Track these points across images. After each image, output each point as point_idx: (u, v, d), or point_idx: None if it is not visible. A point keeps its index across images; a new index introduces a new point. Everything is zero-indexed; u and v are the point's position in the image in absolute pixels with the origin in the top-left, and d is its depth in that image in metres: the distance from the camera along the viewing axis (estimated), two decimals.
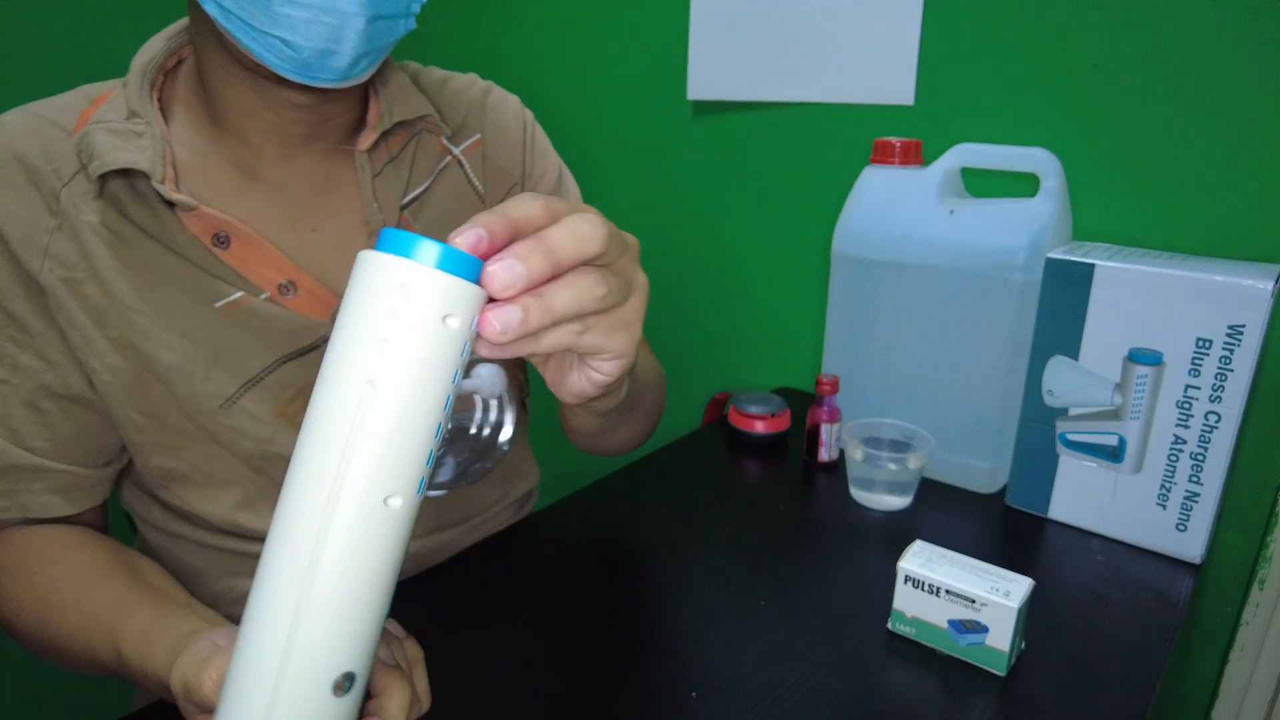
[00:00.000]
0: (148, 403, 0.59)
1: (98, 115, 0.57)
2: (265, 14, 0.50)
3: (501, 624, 0.63)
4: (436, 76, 0.72)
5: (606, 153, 1.28)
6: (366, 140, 0.63)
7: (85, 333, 0.57)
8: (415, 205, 0.66)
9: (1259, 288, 0.62)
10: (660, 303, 1.27)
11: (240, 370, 0.60)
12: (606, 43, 1.24)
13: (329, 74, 0.54)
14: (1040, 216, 0.75)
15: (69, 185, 0.56)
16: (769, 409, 0.93)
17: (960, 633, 0.57)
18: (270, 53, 0.52)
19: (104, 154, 0.54)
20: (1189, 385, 0.67)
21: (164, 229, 0.57)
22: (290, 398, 0.61)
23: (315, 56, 0.52)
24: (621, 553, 0.73)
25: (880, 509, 0.79)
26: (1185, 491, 0.69)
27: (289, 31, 0.50)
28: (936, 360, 0.81)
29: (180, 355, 0.58)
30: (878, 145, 0.85)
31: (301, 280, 0.61)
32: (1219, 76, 0.77)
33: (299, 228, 0.62)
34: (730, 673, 0.57)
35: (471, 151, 0.70)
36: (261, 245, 0.59)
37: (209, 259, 0.58)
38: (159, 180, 0.55)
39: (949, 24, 0.92)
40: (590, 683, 0.56)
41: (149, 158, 0.55)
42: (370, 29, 0.52)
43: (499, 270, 0.32)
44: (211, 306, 0.58)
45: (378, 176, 0.64)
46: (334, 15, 0.50)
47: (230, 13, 0.51)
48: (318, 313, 0.61)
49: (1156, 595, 0.66)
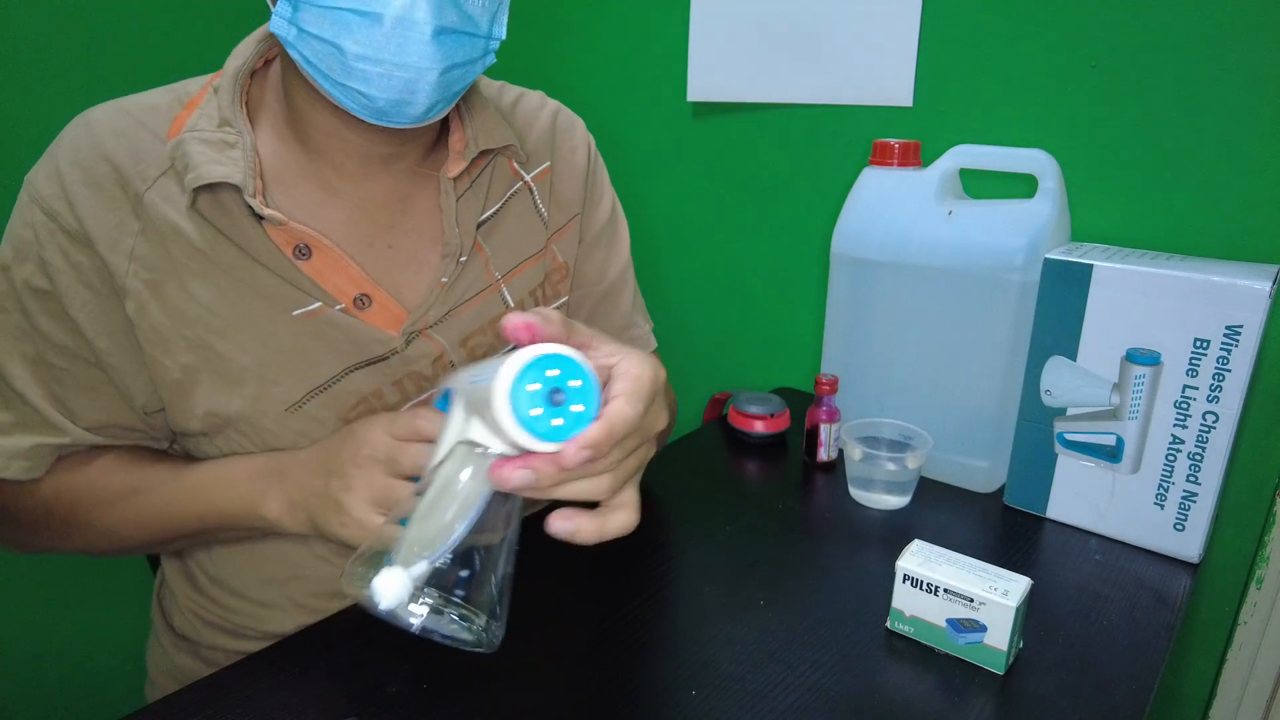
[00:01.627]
0: (212, 401, 0.60)
1: (191, 122, 0.58)
2: (342, 68, 0.52)
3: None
4: (510, 97, 0.74)
5: (607, 153, 1.27)
6: (455, 168, 0.64)
7: (162, 332, 0.59)
8: (487, 226, 0.68)
9: (1256, 288, 0.62)
10: (660, 303, 1.27)
11: (310, 376, 0.61)
12: (607, 44, 1.24)
13: (404, 120, 0.56)
14: (1038, 217, 0.75)
15: (153, 187, 0.58)
16: (768, 409, 0.94)
17: (959, 631, 0.58)
18: (348, 99, 0.54)
19: (199, 166, 0.56)
20: (1187, 385, 0.67)
21: (249, 238, 0.59)
22: (354, 404, 0.63)
23: (390, 106, 0.54)
24: (621, 552, 0.73)
25: (879, 508, 0.79)
26: (1183, 491, 0.69)
27: (364, 84, 0.53)
28: (935, 360, 0.82)
29: (254, 358, 0.60)
30: (876, 146, 0.85)
31: (376, 294, 0.62)
32: (1216, 77, 0.77)
33: (376, 243, 0.64)
34: (730, 671, 0.57)
35: (540, 179, 0.72)
36: (341, 259, 0.61)
37: (290, 269, 0.60)
38: (250, 195, 0.56)
39: (947, 26, 0.92)
40: (590, 681, 0.57)
41: (241, 171, 0.57)
42: (444, 79, 0.54)
43: (521, 475, 0.39)
44: (289, 314, 0.60)
45: (460, 200, 0.65)
46: (407, 70, 0.52)
47: (311, 63, 0.53)
48: (390, 326, 0.63)
49: (1154, 594, 0.66)
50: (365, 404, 0.63)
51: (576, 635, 0.61)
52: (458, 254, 0.65)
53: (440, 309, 0.64)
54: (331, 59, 0.52)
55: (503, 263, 0.69)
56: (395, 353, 0.63)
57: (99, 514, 0.62)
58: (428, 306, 0.63)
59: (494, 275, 0.68)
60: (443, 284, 0.64)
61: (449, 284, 0.65)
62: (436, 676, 0.56)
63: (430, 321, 0.64)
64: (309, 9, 0.51)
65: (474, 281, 0.67)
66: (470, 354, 0.67)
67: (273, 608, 0.67)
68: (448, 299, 0.65)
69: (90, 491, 0.62)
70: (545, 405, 0.39)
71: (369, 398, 0.63)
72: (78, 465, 0.63)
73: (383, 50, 0.51)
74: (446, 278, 0.64)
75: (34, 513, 0.63)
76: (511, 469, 0.39)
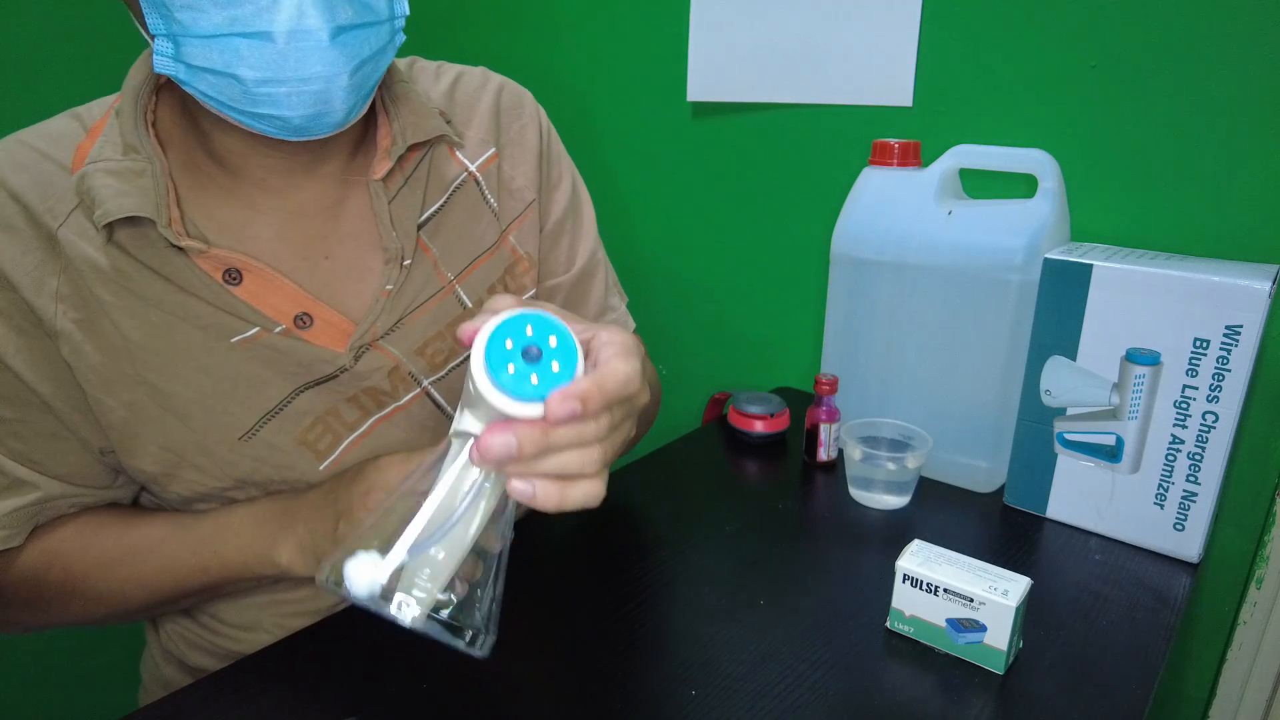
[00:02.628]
0: (164, 438, 0.58)
1: (94, 153, 0.54)
2: (245, 97, 0.48)
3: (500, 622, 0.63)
4: (446, 80, 0.69)
5: (607, 153, 1.28)
6: (381, 169, 0.60)
7: (101, 372, 0.56)
8: (431, 225, 0.64)
9: (1256, 288, 0.62)
10: (660, 303, 1.28)
11: (259, 403, 0.58)
12: (607, 44, 1.24)
13: (325, 129, 0.53)
14: (1038, 217, 0.75)
15: (66, 224, 0.54)
16: (768, 409, 0.94)
17: (958, 631, 0.58)
18: (261, 124, 0.51)
19: (106, 201, 0.52)
20: (1186, 385, 0.67)
21: (174, 268, 0.55)
22: (310, 424, 0.60)
23: (307, 121, 0.51)
24: (621, 552, 0.73)
25: (879, 508, 0.79)
26: (1183, 491, 0.69)
27: (273, 108, 0.49)
28: (935, 360, 0.82)
29: (198, 391, 0.57)
30: (876, 146, 0.85)
31: (317, 310, 0.59)
32: (1216, 77, 0.77)
33: (312, 256, 0.60)
34: (730, 671, 0.57)
35: (486, 167, 0.68)
36: (274, 279, 0.58)
37: (222, 295, 0.56)
38: (164, 225, 0.53)
39: (947, 25, 0.92)
40: (590, 681, 0.57)
41: (152, 202, 0.53)
42: (355, 80, 0.51)
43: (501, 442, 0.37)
44: (228, 342, 0.57)
45: (393, 201, 0.61)
46: (315, 83, 0.49)
47: (211, 97, 0.49)
48: (336, 342, 0.59)
49: (1154, 594, 0.66)
50: (322, 423, 0.60)
51: (576, 635, 0.61)
52: (400, 258, 0.61)
53: (389, 318, 0.61)
54: (232, 89, 0.48)
55: (454, 262, 0.65)
56: (345, 370, 0.60)
57: (97, 577, 0.59)
58: (374, 317, 0.60)
59: (446, 276, 0.64)
60: (388, 291, 0.60)
61: (395, 291, 0.61)
62: (436, 676, 0.56)
63: (379, 333, 0.60)
64: (191, 43, 0.47)
65: (424, 285, 0.63)
66: (430, 362, 0.64)
67: (255, 630, 0.66)
68: (396, 307, 0.61)
69: (85, 554, 0.59)
70: (520, 362, 0.36)
71: (325, 417, 0.60)
72: (68, 529, 0.60)
73: (283, 69, 0.47)
74: (392, 284, 0.60)
75: (24, 585, 0.60)
76: (490, 437, 0.37)
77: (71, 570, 0.59)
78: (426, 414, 0.65)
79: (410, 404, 0.64)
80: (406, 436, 0.64)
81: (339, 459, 0.61)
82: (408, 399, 0.63)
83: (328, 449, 0.61)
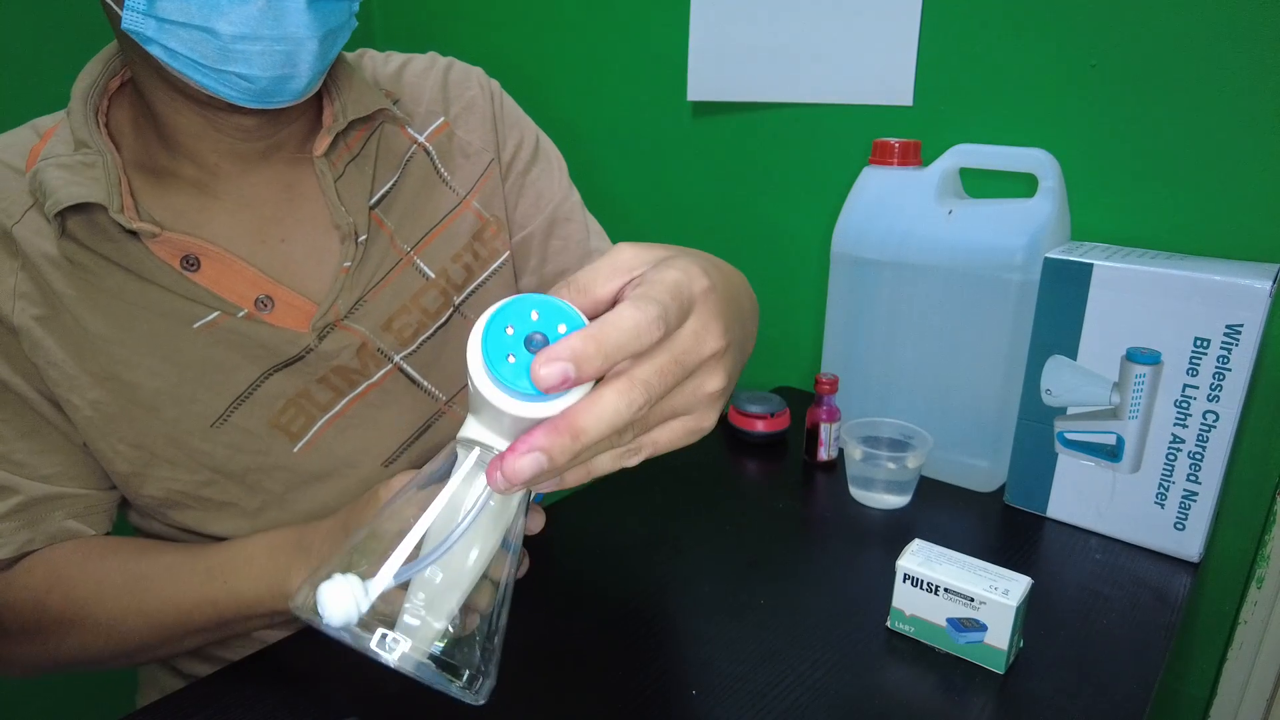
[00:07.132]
0: (134, 433, 0.58)
1: (46, 150, 0.56)
2: (218, 52, 0.49)
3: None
4: (394, 64, 0.71)
5: (607, 153, 1.28)
6: (321, 145, 0.61)
7: (65, 369, 0.56)
8: (385, 202, 0.65)
9: (1256, 287, 0.62)
10: None
11: (227, 388, 0.59)
12: (606, 43, 1.24)
13: (287, 96, 0.53)
14: (1038, 216, 0.75)
15: (21, 222, 0.55)
16: (768, 408, 0.93)
17: (959, 631, 0.58)
18: (226, 86, 0.51)
19: (56, 191, 0.53)
20: (1187, 384, 0.67)
21: (130, 258, 0.56)
22: (282, 408, 0.61)
23: (272, 84, 0.51)
24: (621, 551, 0.73)
25: (879, 508, 0.79)
26: (1183, 490, 0.69)
27: (244, 66, 0.50)
28: (935, 360, 0.82)
29: (165, 380, 0.58)
30: (876, 146, 0.85)
31: (277, 293, 0.60)
32: (1217, 76, 0.77)
33: (268, 239, 0.61)
34: (730, 671, 0.57)
35: (436, 136, 0.68)
36: (232, 263, 0.58)
37: (181, 282, 0.57)
38: (116, 210, 0.54)
39: (947, 25, 0.92)
40: (590, 681, 0.57)
41: (103, 189, 0.54)
42: (323, 47, 0.52)
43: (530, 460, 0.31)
44: (190, 329, 0.58)
45: (340, 179, 0.62)
46: (287, 43, 0.50)
47: (178, 54, 0.49)
48: (299, 324, 0.60)
49: (1155, 594, 0.66)
50: (294, 405, 0.61)
51: (576, 635, 0.61)
52: (354, 234, 0.62)
53: (350, 296, 0.62)
54: (205, 45, 0.48)
55: (409, 234, 0.65)
56: (310, 349, 0.60)
57: (99, 607, 0.57)
58: (334, 296, 0.61)
59: (403, 248, 0.65)
60: (346, 269, 0.61)
61: (353, 268, 0.62)
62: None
63: (341, 311, 0.61)
64: None
65: (382, 260, 0.64)
66: (398, 337, 0.64)
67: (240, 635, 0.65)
68: (356, 284, 0.62)
69: (88, 581, 0.58)
70: (523, 352, 0.31)
71: (296, 399, 0.61)
72: (73, 552, 0.59)
73: (260, 26, 0.48)
74: (349, 262, 0.61)
75: (24, 609, 0.58)
76: (515, 456, 0.31)
77: (72, 596, 0.57)
78: (402, 389, 0.65)
79: (384, 380, 0.64)
80: (388, 416, 0.65)
81: (313, 440, 0.62)
82: (380, 375, 0.64)
83: (301, 430, 0.62)
